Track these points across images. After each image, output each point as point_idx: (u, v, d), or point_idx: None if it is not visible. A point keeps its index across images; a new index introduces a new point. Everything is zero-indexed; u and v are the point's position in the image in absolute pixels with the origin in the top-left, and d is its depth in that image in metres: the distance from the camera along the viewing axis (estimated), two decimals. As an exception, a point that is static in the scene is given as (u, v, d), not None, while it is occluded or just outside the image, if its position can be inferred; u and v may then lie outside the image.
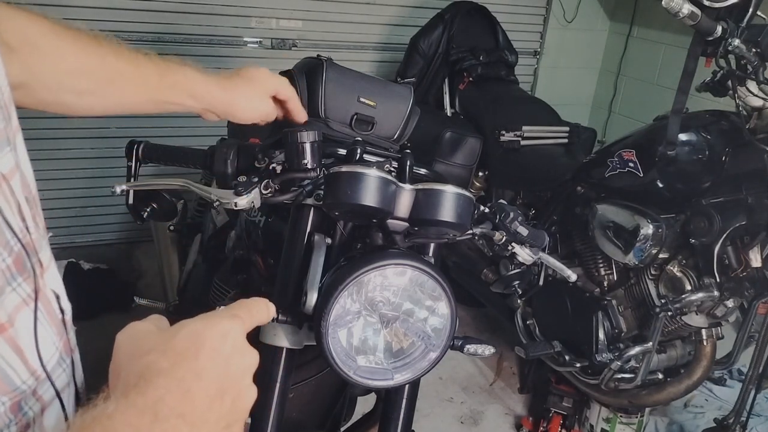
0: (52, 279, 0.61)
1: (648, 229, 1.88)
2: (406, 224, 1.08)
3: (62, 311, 0.63)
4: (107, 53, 0.88)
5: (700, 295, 1.84)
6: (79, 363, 0.67)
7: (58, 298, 0.62)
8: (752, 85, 1.72)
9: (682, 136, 1.88)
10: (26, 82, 0.80)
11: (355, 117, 1.24)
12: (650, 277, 2.00)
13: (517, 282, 1.31)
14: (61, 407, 0.61)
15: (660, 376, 2.07)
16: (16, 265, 0.54)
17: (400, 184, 1.06)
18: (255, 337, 1.19)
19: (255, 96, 1.04)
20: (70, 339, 0.64)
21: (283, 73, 1.33)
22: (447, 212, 1.05)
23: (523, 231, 1.18)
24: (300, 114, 1.12)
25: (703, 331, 1.96)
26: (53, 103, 0.85)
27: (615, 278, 2.11)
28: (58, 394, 0.60)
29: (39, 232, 0.59)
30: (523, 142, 2.55)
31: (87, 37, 0.86)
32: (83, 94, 0.88)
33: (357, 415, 1.59)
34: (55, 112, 0.87)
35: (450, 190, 1.05)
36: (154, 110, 0.97)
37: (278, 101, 1.10)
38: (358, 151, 1.16)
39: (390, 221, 1.07)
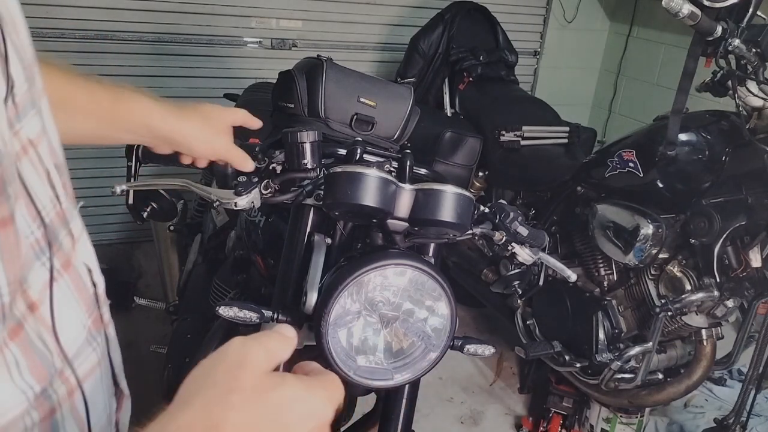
0: (84, 251, 0.59)
1: (648, 229, 1.88)
2: (406, 224, 1.08)
3: (94, 285, 0.61)
4: (57, 76, 0.81)
5: (700, 295, 1.84)
6: (114, 339, 0.65)
7: (90, 271, 0.60)
8: (752, 85, 1.72)
9: (682, 136, 1.88)
10: None
11: (355, 117, 1.24)
12: (650, 277, 2.00)
13: (517, 282, 1.31)
14: (90, 389, 0.58)
15: (660, 376, 2.07)
16: (47, 237, 0.52)
17: (400, 184, 1.06)
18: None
19: (212, 131, 1.00)
20: (103, 314, 0.62)
21: (283, 73, 1.33)
22: (447, 212, 1.05)
23: (523, 231, 1.18)
24: (254, 123, 1.09)
25: (703, 331, 1.96)
26: None
27: (615, 278, 2.11)
28: (79, 382, 0.56)
29: (69, 201, 0.57)
30: (523, 142, 2.55)
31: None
32: None
33: (357, 415, 1.59)
34: None
35: (450, 190, 1.05)
36: (102, 141, 0.92)
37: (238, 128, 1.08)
38: (358, 151, 1.16)
39: (390, 221, 1.07)
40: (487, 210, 1.19)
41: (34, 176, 0.51)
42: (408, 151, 1.20)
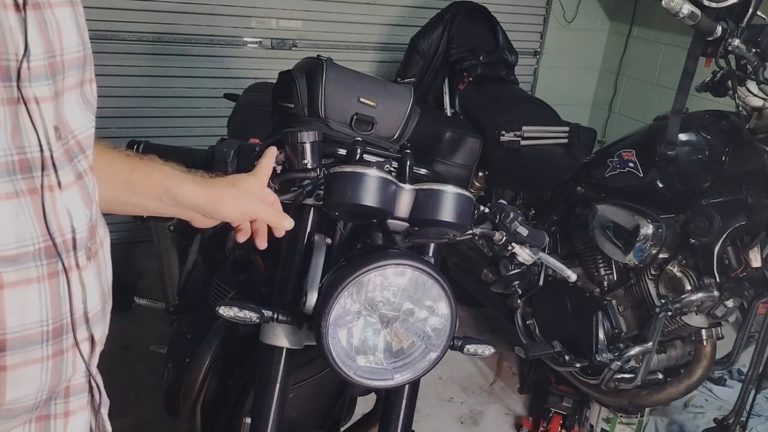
0: (70, 199, 0.69)
1: (648, 229, 1.88)
2: (406, 224, 1.08)
3: (74, 230, 0.69)
4: None
5: (700, 295, 1.84)
6: (94, 290, 0.73)
7: (70, 216, 0.69)
8: (752, 85, 1.72)
9: (682, 136, 1.88)
10: None
11: (355, 117, 1.24)
12: (650, 277, 2.00)
13: (517, 282, 1.31)
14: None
15: (660, 376, 2.07)
16: (22, 165, 0.64)
17: (400, 184, 1.06)
18: (255, 337, 1.20)
19: (238, 193, 0.96)
20: (78, 257, 0.70)
21: (283, 73, 1.33)
22: (447, 212, 1.05)
23: (523, 231, 1.18)
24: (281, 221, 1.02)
25: (703, 331, 1.96)
26: None
27: (615, 278, 2.11)
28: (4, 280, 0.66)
29: (68, 159, 0.69)
30: (523, 142, 2.55)
31: None
32: None
33: (357, 415, 1.59)
34: None
35: (450, 190, 1.05)
36: (128, 208, 0.93)
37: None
38: (358, 151, 1.16)
39: (390, 221, 1.07)
40: (487, 210, 1.19)
41: (27, 121, 0.64)
42: (408, 151, 1.20)
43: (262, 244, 1.03)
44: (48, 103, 0.66)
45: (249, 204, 0.97)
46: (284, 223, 1.00)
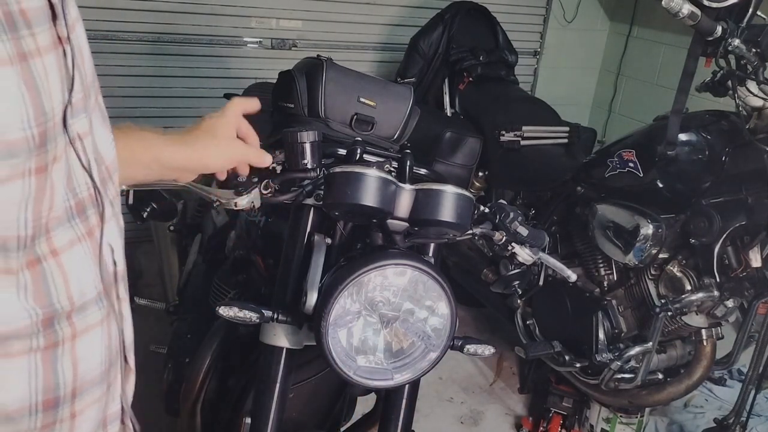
0: (110, 233, 0.69)
1: (648, 229, 1.88)
2: (406, 224, 1.08)
3: (115, 263, 0.70)
4: None
5: (700, 295, 1.84)
6: (129, 317, 0.73)
7: (112, 251, 0.69)
8: (752, 85, 1.72)
9: (682, 136, 1.88)
10: None
11: (355, 117, 1.24)
12: (650, 277, 2.00)
13: (517, 282, 1.31)
14: (89, 341, 0.67)
15: (660, 376, 2.07)
16: (78, 208, 0.63)
17: (400, 184, 1.06)
18: (255, 337, 1.20)
19: (221, 143, 0.98)
20: (119, 289, 0.71)
21: (283, 74, 1.33)
22: (447, 212, 1.05)
23: (523, 231, 1.18)
24: (252, 106, 1.05)
25: (703, 331, 1.96)
26: None
27: (615, 278, 2.11)
28: (82, 330, 0.65)
29: (104, 190, 0.68)
30: (523, 142, 2.55)
31: None
32: None
33: (357, 415, 1.59)
34: None
35: (450, 190, 1.05)
36: (120, 176, 0.95)
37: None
38: (358, 151, 1.16)
39: (390, 221, 1.07)
40: (487, 210, 1.19)
41: (75, 161, 0.63)
42: (408, 151, 1.20)
43: (245, 169, 1.05)
44: (88, 136, 0.65)
45: (233, 151, 1.00)
46: (265, 160, 1.03)
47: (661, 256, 1.94)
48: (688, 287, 1.88)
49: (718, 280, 1.82)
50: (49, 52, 0.57)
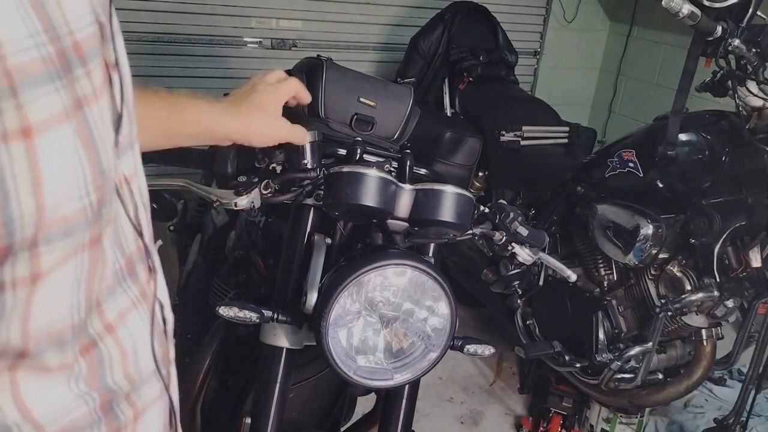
0: (159, 287, 0.63)
1: (648, 230, 1.87)
2: (406, 224, 1.08)
3: (164, 321, 0.64)
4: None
5: (700, 295, 1.84)
6: (175, 377, 0.68)
7: (162, 307, 0.63)
8: (752, 85, 1.72)
9: (682, 137, 1.88)
10: None
11: (355, 117, 1.24)
12: (650, 277, 2.00)
13: (517, 282, 1.31)
14: (150, 417, 0.61)
15: (660, 376, 2.07)
16: (128, 267, 0.56)
17: (400, 184, 1.06)
18: (255, 337, 1.20)
19: (267, 120, 0.98)
20: (170, 351, 0.65)
21: (283, 74, 1.33)
22: (447, 212, 1.05)
23: (523, 231, 1.18)
24: (305, 97, 1.07)
25: (703, 331, 1.96)
26: None
27: (615, 278, 2.11)
28: (144, 408, 0.60)
29: (150, 237, 0.61)
30: (523, 142, 2.55)
31: None
32: None
33: (357, 415, 1.59)
34: None
35: (450, 190, 1.05)
36: (164, 147, 0.93)
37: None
38: (358, 151, 1.16)
39: (390, 221, 1.07)
40: (487, 210, 1.19)
41: (121, 211, 0.55)
42: (408, 151, 1.20)
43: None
44: (134, 178, 0.57)
45: (279, 129, 0.99)
46: (305, 138, 1.05)
47: (661, 256, 1.94)
48: (688, 287, 1.88)
49: (718, 280, 1.82)
50: (103, 90, 0.47)
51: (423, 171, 1.20)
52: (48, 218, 0.43)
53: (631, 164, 1.97)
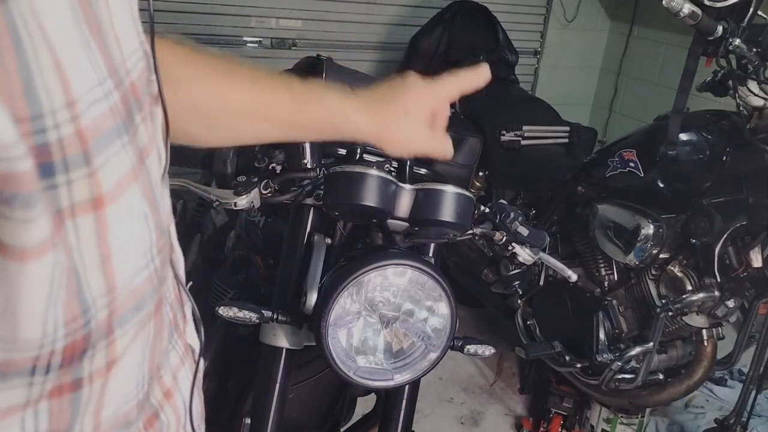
0: (191, 332, 0.59)
1: (649, 229, 1.87)
2: (406, 224, 1.07)
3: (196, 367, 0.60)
4: (242, 83, 0.74)
5: (700, 295, 1.83)
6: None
7: (193, 351, 0.59)
8: (753, 85, 1.72)
9: (683, 136, 1.87)
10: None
11: (355, 117, 1.23)
12: (651, 277, 1.99)
13: (518, 282, 1.31)
14: None
15: (660, 376, 2.07)
16: (174, 321, 0.52)
17: (400, 184, 1.06)
18: (255, 337, 1.19)
19: (410, 131, 0.82)
20: (201, 405, 0.62)
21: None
22: (447, 212, 1.04)
23: (524, 231, 1.17)
24: (477, 78, 0.92)
25: (704, 332, 1.95)
26: (186, 135, 0.72)
27: (616, 278, 2.11)
28: None
29: (183, 282, 0.56)
30: (523, 142, 2.55)
31: (219, 64, 0.73)
32: (217, 129, 0.76)
33: (357, 415, 1.59)
34: (186, 143, 0.74)
35: (450, 190, 1.05)
36: (285, 140, 0.87)
37: None
38: (358, 150, 1.16)
39: (390, 221, 1.07)
40: (487, 210, 1.18)
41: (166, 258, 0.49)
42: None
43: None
44: (172, 220, 0.52)
45: (421, 139, 0.83)
46: (449, 154, 0.88)
47: (661, 256, 1.94)
48: (689, 287, 1.88)
49: (718, 280, 1.82)
50: (156, 137, 0.41)
51: (423, 171, 1.20)
52: (120, 296, 0.38)
53: (631, 164, 1.96)
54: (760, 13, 1.71)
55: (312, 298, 1.06)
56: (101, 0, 0.36)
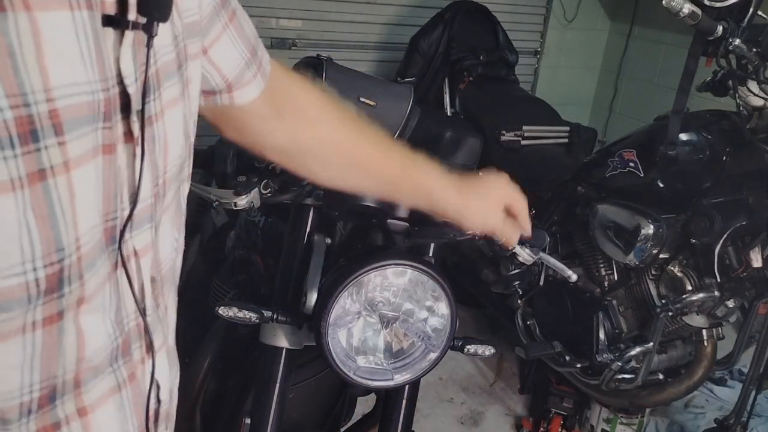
0: (160, 366, 0.59)
1: (648, 229, 1.87)
2: (406, 224, 1.07)
3: (159, 402, 0.61)
4: (361, 135, 0.88)
5: (700, 295, 1.83)
6: None
7: (158, 388, 0.60)
8: (753, 85, 1.72)
9: (683, 136, 1.87)
10: (288, 149, 0.84)
11: (355, 117, 1.23)
12: (651, 277, 1.99)
13: (518, 282, 1.31)
14: None
15: (660, 376, 2.07)
16: (124, 346, 0.53)
17: (401, 184, 1.05)
18: (255, 337, 1.19)
19: (485, 209, 0.99)
20: (158, 429, 0.62)
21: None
22: (447, 212, 1.04)
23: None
24: (526, 230, 1.10)
25: (704, 332, 1.95)
26: (301, 167, 0.87)
27: (615, 278, 2.10)
28: None
29: (157, 314, 0.58)
30: (523, 142, 2.55)
31: (345, 112, 0.88)
32: (329, 167, 0.88)
33: (357, 415, 1.59)
34: (297, 173, 0.89)
35: (450, 190, 1.05)
36: (381, 195, 0.99)
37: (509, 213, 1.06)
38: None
39: (390, 221, 1.07)
40: (487, 210, 1.18)
41: (126, 286, 0.52)
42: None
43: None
44: (148, 252, 0.54)
45: (490, 223, 1.01)
46: (511, 244, 1.08)
47: (661, 256, 1.94)
48: (689, 287, 1.88)
49: (718, 280, 1.82)
50: (89, 161, 0.44)
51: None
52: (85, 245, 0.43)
53: (631, 164, 1.96)
54: (760, 13, 1.71)
55: (312, 298, 1.06)
56: (110, 42, 0.45)
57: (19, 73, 0.40)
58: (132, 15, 0.46)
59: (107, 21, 0.45)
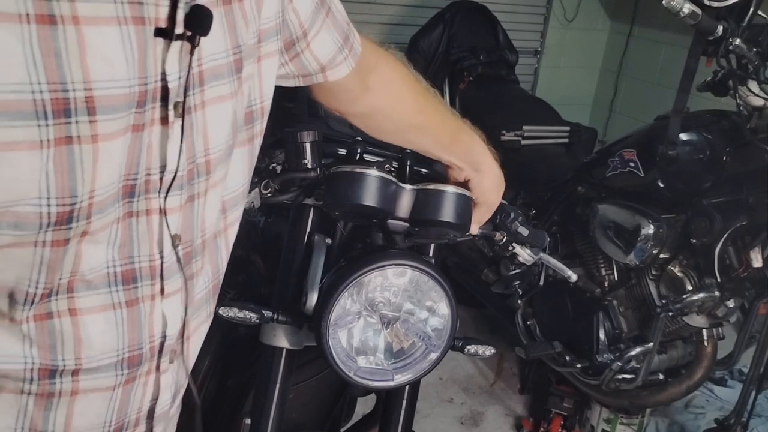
0: (171, 306, 0.67)
1: (649, 229, 1.87)
2: (407, 224, 1.07)
3: (165, 337, 0.68)
4: (428, 103, 1.04)
5: (701, 295, 1.83)
6: (169, 388, 0.73)
7: (165, 324, 0.68)
8: (753, 85, 1.72)
9: (683, 136, 1.87)
10: (368, 113, 1.01)
11: (356, 117, 1.23)
12: (651, 277, 1.99)
13: (518, 282, 1.31)
14: None
15: (661, 376, 2.07)
16: (125, 275, 0.62)
17: (401, 184, 1.06)
18: (255, 337, 1.19)
19: (500, 192, 1.14)
20: (161, 361, 0.70)
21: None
22: (447, 213, 1.04)
23: (524, 231, 1.17)
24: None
25: (704, 332, 1.95)
26: (375, 128, 1.04)
27: (616, 278, 2.10)
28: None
29: (179, 266, 0.66)
30: (523, 142, 2.55)
31: (419, 84, 1.04)
32: (399, 130, 1.05)
33: (357, 415, 1.59)
34: (369, 132, 1.06)
35: (450, 190, 1.05)
36: (432, 156, 1.10)
37: None
38: (358, 150, 1.16)
39: (390, 221, 1.06)
40: (487, 210, 1.18)
41: (145, 233, 0.61)
42: (408, 150, 1.20)
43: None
44: (175, 213, 0.63)
45: (492, 201, 1.12)
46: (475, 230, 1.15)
47: (662, 256, 1.94)
48: (689, 287, 1.88)
49: (719, 280, 1.82)
50: (117, 137, 0.53)
51: (423, 171, 1.20)
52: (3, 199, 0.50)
53: (632, 164, 1.96)
54: (760, 13, 1.71)
55: (312, 298, 1.06)
56: (159, 48, 0.55)
57: (62, 68, 0.48)
58: (179, 29, 0.55)
59: (158, 32, 0.54)
